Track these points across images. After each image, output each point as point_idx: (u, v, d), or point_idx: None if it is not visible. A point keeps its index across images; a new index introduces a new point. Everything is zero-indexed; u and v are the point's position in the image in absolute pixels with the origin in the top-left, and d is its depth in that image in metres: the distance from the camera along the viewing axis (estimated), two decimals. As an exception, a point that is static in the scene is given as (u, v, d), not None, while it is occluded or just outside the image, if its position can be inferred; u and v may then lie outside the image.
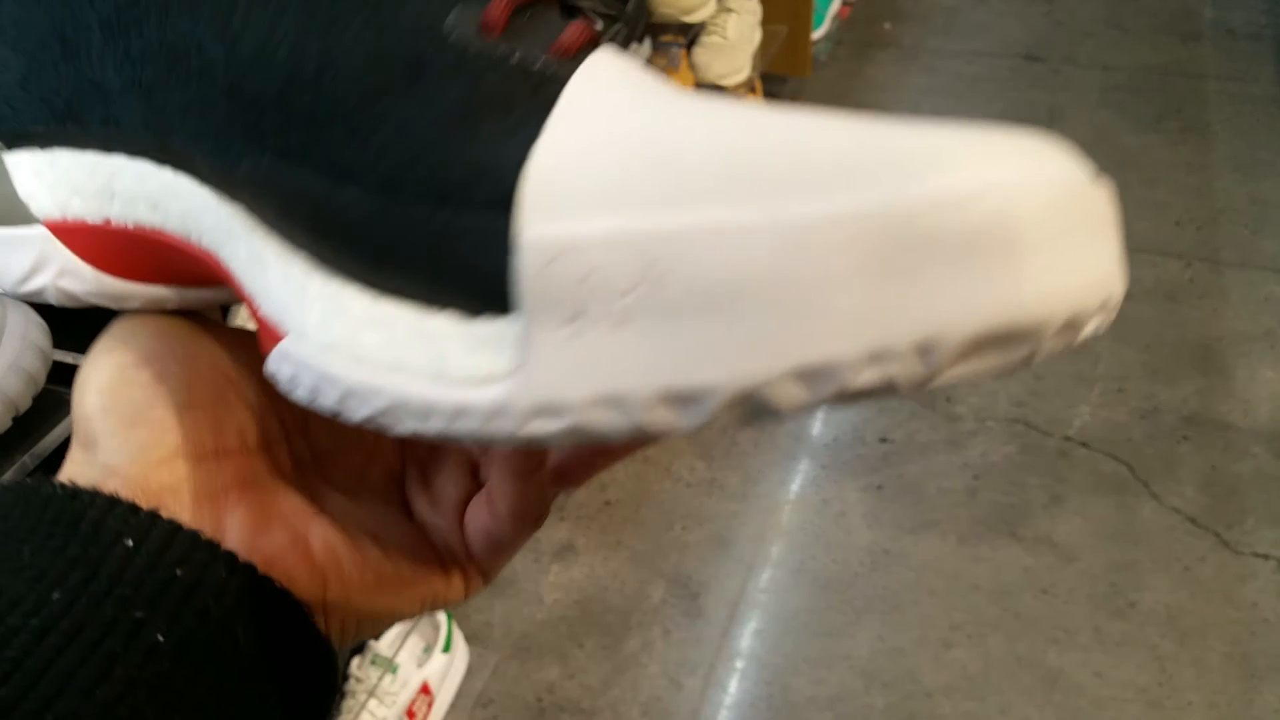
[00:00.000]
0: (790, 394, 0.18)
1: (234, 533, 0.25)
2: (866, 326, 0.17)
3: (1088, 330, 0.19)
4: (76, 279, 0.27)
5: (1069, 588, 1.32)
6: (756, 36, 1.95)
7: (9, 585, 0.21)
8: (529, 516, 0.27)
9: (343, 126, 0.22)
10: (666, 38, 1.61)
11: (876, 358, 0.18)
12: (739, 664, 1.27)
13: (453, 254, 0.21)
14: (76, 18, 0.25)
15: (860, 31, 2.59)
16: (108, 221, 0.26)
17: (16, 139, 0.27)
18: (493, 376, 0.20)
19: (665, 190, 0.19)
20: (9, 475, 0.63)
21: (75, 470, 0.25)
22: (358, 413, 0.22)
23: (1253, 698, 1.20)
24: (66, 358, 0.65)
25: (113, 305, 0.28)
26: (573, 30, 0.23)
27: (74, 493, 0.23)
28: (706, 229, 0.18)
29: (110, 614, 0.21)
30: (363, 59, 0.22)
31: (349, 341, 0.22)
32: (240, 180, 0.24)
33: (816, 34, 2.31)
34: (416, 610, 0.28)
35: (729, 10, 1.82)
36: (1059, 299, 0.18)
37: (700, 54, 1.82)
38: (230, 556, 0.23)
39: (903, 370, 0.18)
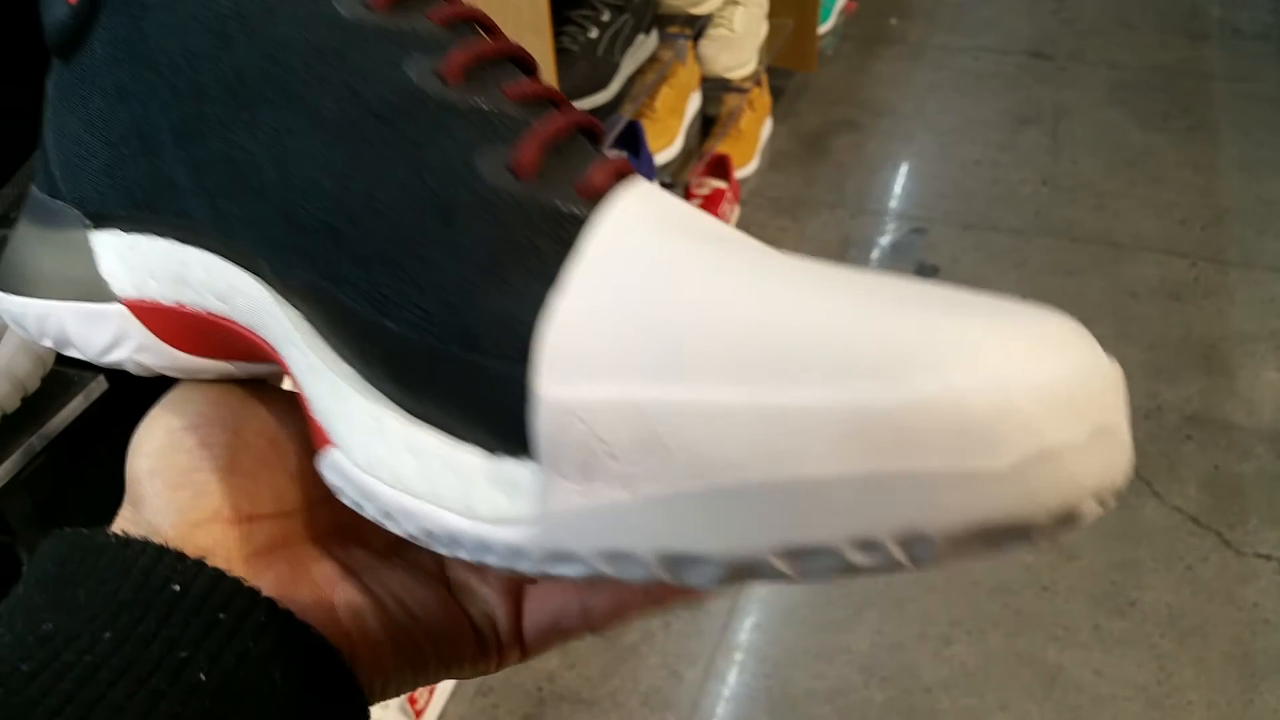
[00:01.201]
0: (783, 568, 0.19)
1: (264, 592, 0.26)
2: (855, 516, 0.18)
3: (1087, 519, 0.19)
4: (152, 354, 0.29)
5: (1070, 585, 1.32)
6: (763, 30, 1.95)
7: (64, 625, 0.23)
8: (602, 625, 0.29)
9: (384, 265, 0.23)
10: (673, 29, 1.61)
11: (864, 545, 0.18)
12: (738, 656, 1.27)
13: (479, 395, 0.22)
14: (152, 120, 0.27)
15: (866, 27, 2.59)
16: (180, 305, 0.28)
17: (101, 220, 0.29)
18: (513, 519, 0.22)
19: (670, 363, 0.20)
20: (16, 456, 0.63)
21: (124, 525, 0.27)
22: (397, 529, 0.24)
23: (1253, 698, 1.20)
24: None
25: (186, 377, 0.30)
26: (602, 169, 0.24)
27: (126, 541, 0.25)
28: (707, 406, 0.19)
29: (157, 653, 0.23)
30: (402, 200, 0.23)
31: (389, 464, 0.24)
32: (296, 290, 0.25)
33: (823, 28, 2.30)
34: (445, 675, 0.29)
35: (736, 3, 1.82)
36: (1049, 496, 0.18)
37: (707, 46, 1.82)
38: (270, 603, 0.25)
39: (891, 559, 0.18)
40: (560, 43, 1.30)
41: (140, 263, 0.28)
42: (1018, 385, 0.18)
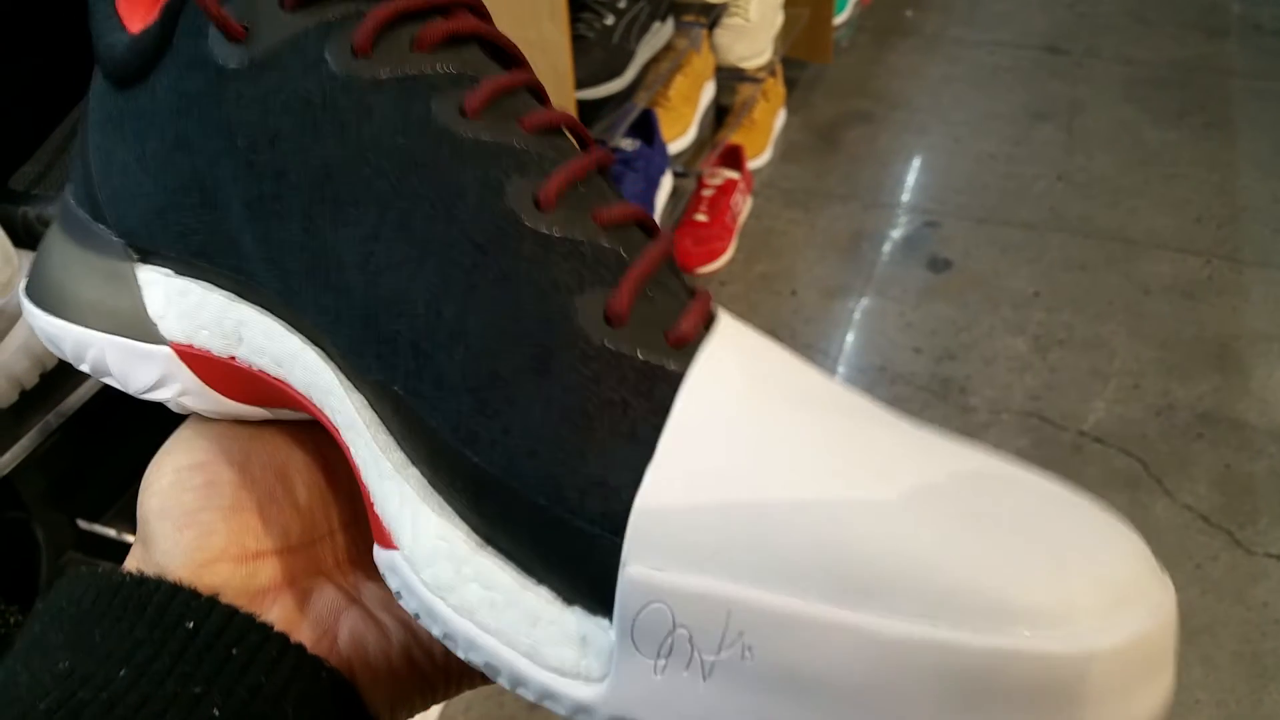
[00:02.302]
0: None
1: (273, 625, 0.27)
2: None
3: None
4: (197, 398, 0.29)
5: (1079, 582, 1.31)
6: (778, 20, 1.94)
7: (81, 663, 0.24)
8: None
9: (471, 398, 0.23)
10: (689, 17, 1.60)
11: None
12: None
13: (561, 548, 0.22)
14: (219, 182, 0.26)
15: (882, 18, 2.58)
16: (234, 359, 0.27)
17: (149, 255, 0.28)
18: (582, 675, 0.22)
19: (759, 564, 0.20)
20: (33, 434, 0.63)
21: (136, 565, 0.27)
22: (457, 652, 0.23)
23: (1261, 697, 1.19)
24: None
25: (232, 419, 0.29)
26: (690, 315, 0.24)
27: (140, 580, 0.26)
28: (795, 615, 0.19)
29: (172, 689, 0.23)
30: (495, 336, 0.23)
31: (456, 588, 0.23)
32: (369, 386, 0.25)
33: (838, 19, 2.29)
34: (454, 694, 0.29)
35: (753, -8, 1.81)
36: None
37: (722, 35, 1.81)
38: (282, 638, 0.26)
39: None
40: (576, 29, 1.30)
41: (191, 311, 0.28)
42: (1098, 648, 0.18)
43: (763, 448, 0.21)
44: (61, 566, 0.88)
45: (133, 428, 0.30)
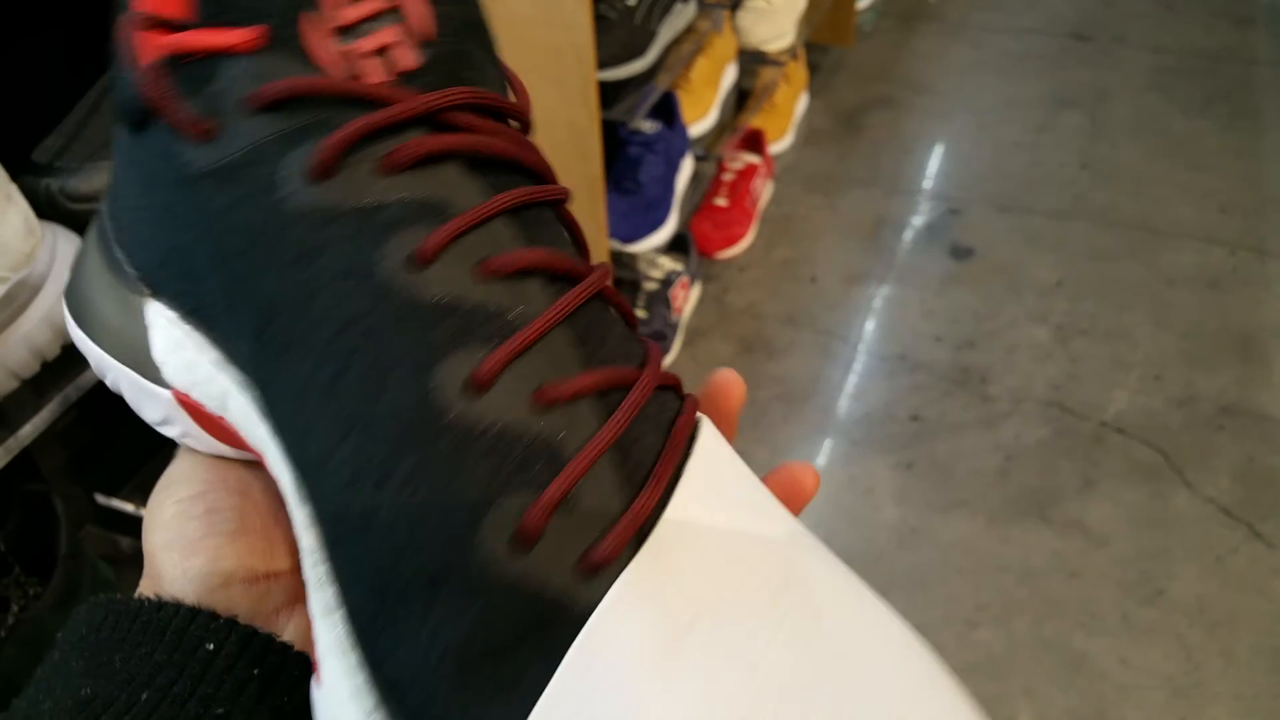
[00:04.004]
0: None
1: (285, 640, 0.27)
2: None
3: None
4: (197, 441, 0.29)
5: (1098, 573, 1.31)
6: (802, 2, 1.92)
7: (102, 689, 0.24)
8: None
9: (370, 602, 0.22)
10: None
11: None
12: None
13: None
14: (198, 261, 0.25)
15: (905, 3, 2.55)
16: (223, 419, 0.27)
17: (157, 293, 0.27)
18: None
19: None
20: (53, 405, 0.63)
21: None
22: None
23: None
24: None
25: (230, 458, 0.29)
26: (609, 542, 0.21)
27: (159, 605, 0.26)
28: None
29: (194, 711, 0.24)
30: (396, 545, 0.21)
31: None
32: (312, 506, 0.24)
33: (861, 3, 2.27)
34: None
35: (777, -25, 1.80)
36: None
37: (744, 17, 1.80)
38: (302, 657, 0.26)
39: None
40: (598, 9, 1.29)
41: (186, 365, 0.27)
42: None
43: (647, 709, 0.19)
44: (80, 540, 0.88)
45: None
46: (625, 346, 0.24)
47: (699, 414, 0.25)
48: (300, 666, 0.26)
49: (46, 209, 0.63)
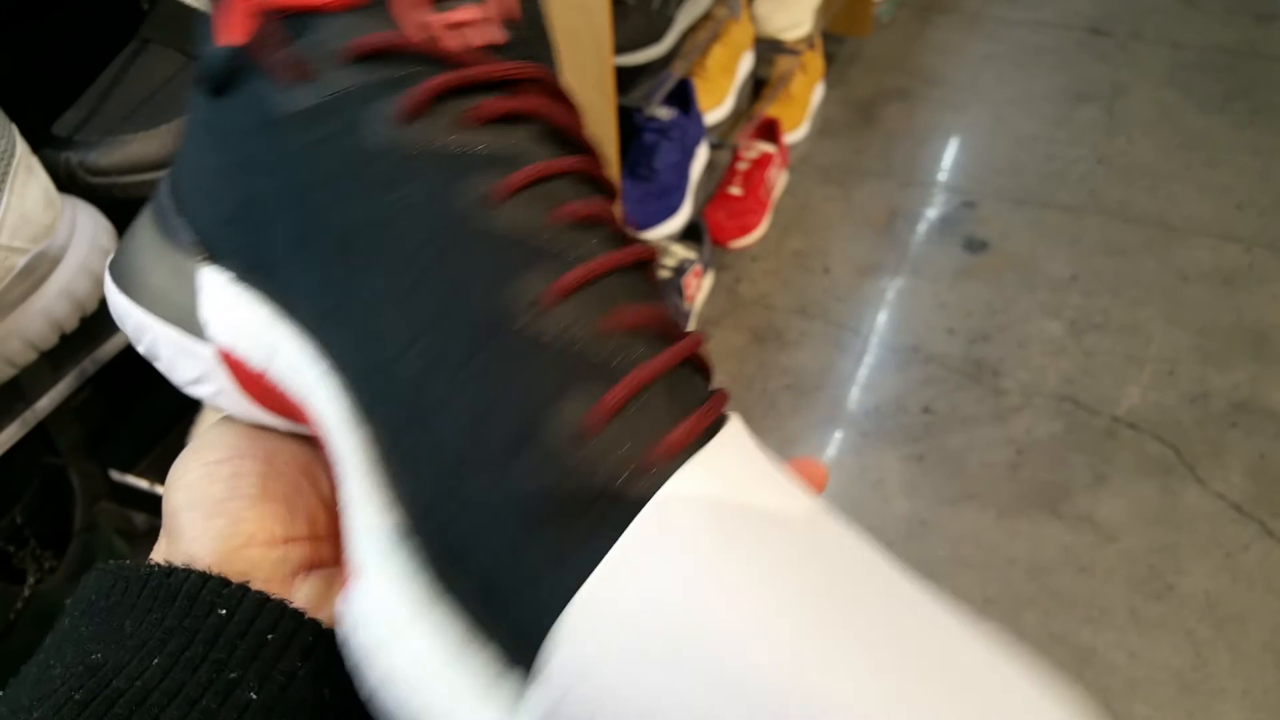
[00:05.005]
0: None
1: (299, 605, 0.27)
2: None
3: None
4: (230, 400, 0.30)
5: (1108, 568, 1.30)
6: (820, -8, 1.92)
7: (113, 654, 0.24)
8: None
9: (444, 470, 0.23)
10: (730, -12, 1.58)
11: None
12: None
13: (502, 618, 0.22)
14: (271, 211, 0.27)
15: (923, -5, 2.55)
16: (265, 373, 0.28)
17: (215, 258, 0.29)
18: None
19: (686, 689, 0.20)
20: (71, 378, 0.63)
21: (162, 557, 0.27)
22: (381, 705, 0.23)
23: (1289, 689, 1.18)
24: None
25: (257, 425, 0.30)
26: (688, 422, 0.23)
27: (169, 570, 0.26)
28: None
29: (206, 676, 0.24)
30: (470, 425, 0.23)
31: (399, 635, 0.23)
32: (369, 424, 0.25)
33: (879, -6, 2.27)
34: None
35: (795, -37, 1.79)
36: None
37: (761, 5, 1.79)
38: (315, 623, 0.26)
39: None
40: (617, -5, 1.29)
41: (237, 321, 0.28)
42: None
43: (713, 582, 0.21)
44: (95, 515, 0.89)
45: (167, 382, 0.31)
46: (671, 305, 0.26)
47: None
48: (314, 632, 0.26)
49: (66, 182, 0.63)
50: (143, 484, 0.91)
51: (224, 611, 0.25)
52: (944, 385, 1.55)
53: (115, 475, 0.92)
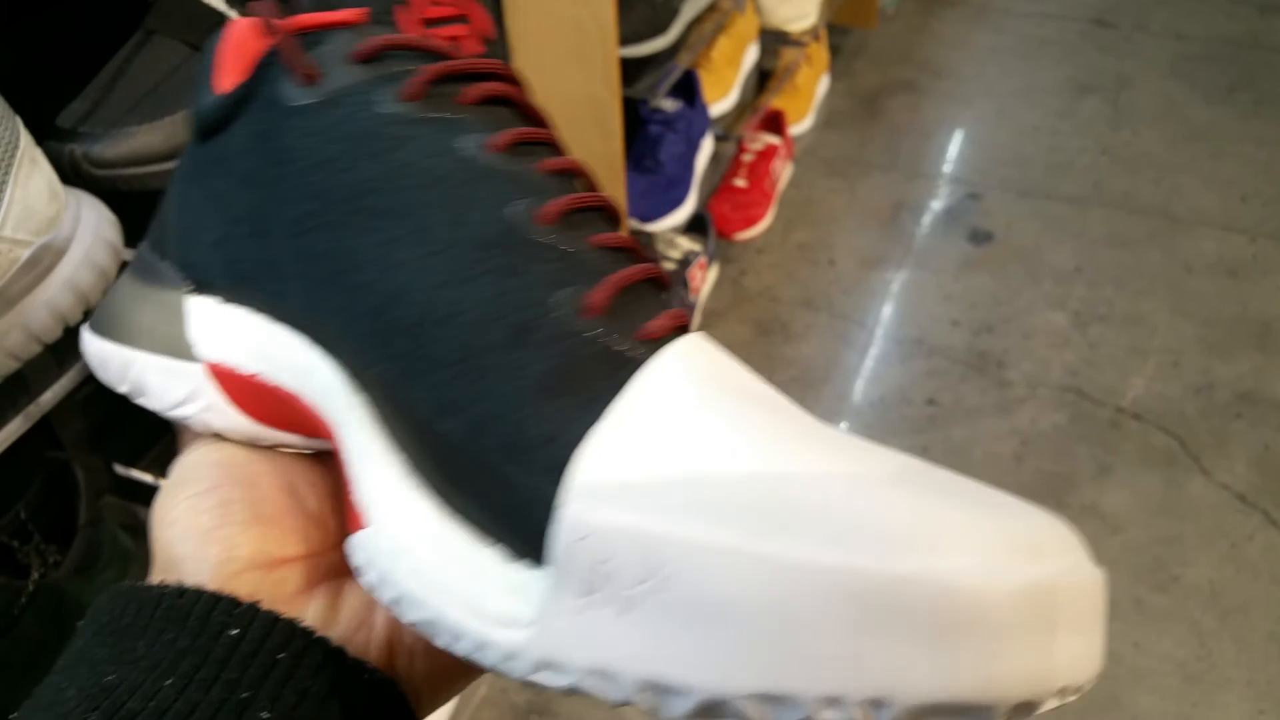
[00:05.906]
0: (755, 712, 0.20)
1: (308, 624, 0.28)
2: (828, 671, 0.20)
3: (1047, 707, 0.20)
4: (219, 415, 0.31)
5: (1113, 558, 1.30)
6: (824, -16, 1.91)
7: (127, 675, 0.24)
8: None
9: (453, 370, 0.26)
10: (734, -21, 1.58)
11: (832, 702, 0.20)
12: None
13: (512, 501, 0.24)
14: (269, 208, 0.29)
15: (927, -13, 2.54)
16: (256, 375, 0.30)
17: (202, 287, 0.32)
18: (516, 621, 0.23)
19: (685, 503, 0.22)
20: (74, 372, 0.63)
21: None
22: (406, 616, 0.25)
23: (1294, 680, 1.18)
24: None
25: (245, 441, 0.32)
26: (664, 317, 0.27)
27: (181, 591, 0.26)
28: (714, 547, 0.21)
29: (219, 696, 0.24)
30: (483, 314, 0.26)
31: (414, 552, 0.25)
32: (369, 380, 0.28)
33: (883, -14, 2.26)
34: (480, 674, 0.30)
35: (799, -45, 1.79)
36: (1010, 685, 0.19)
37: (766, -2, 1.79)
38: (324, 641, 0.26)
39: (851, 718, 0.20)
40: (621, -14, 1.28)
41: (226, 330, 0.31)
42: (999, 583, 0.19)
43: (703, 421, 0.24)
44: (99, 509, 0.89)
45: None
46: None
47: None
48: (324, 650, 0.26)
49: (70, 174, 0.63)
50: (147, 478, 0.91)
51: (236, 631, 0.25)
52: (949, 377, 1.55)
53: (120, 469, 0.92)
